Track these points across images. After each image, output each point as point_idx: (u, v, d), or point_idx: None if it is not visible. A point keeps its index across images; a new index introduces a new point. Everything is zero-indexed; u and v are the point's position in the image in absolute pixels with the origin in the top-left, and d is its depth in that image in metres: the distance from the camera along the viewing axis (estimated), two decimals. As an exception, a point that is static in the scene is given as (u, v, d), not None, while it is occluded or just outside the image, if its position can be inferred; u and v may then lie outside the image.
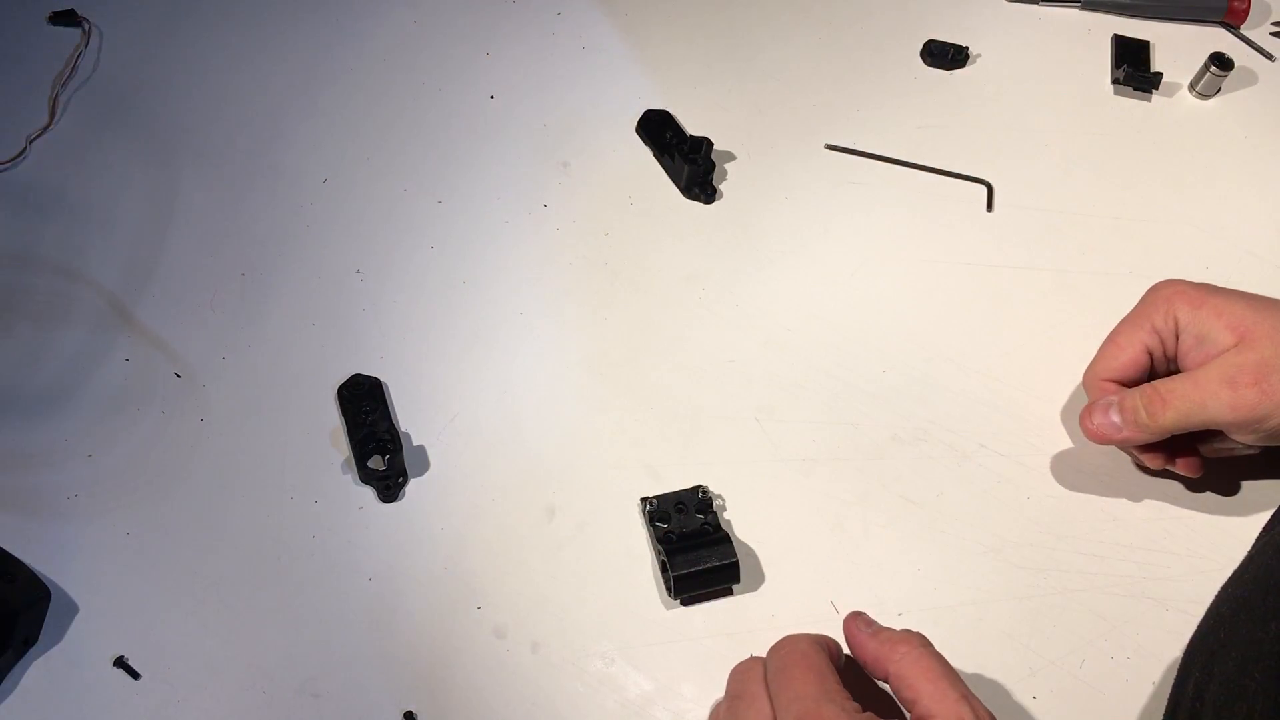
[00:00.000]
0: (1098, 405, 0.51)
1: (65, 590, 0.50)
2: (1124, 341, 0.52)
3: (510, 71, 0.72)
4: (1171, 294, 0.51)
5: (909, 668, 0.41)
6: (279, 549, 0.52)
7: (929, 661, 0.41)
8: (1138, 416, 0.50)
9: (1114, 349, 0.53)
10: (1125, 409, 0.50)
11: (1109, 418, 0.51)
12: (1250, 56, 0.74)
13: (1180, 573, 0.52)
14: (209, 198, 0.65)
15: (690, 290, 0.61)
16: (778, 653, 0.42)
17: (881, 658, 0.42)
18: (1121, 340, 0.52)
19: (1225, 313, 0.49)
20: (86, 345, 0.58)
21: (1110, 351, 0.53)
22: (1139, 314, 0.52)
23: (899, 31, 0.75)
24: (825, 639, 0.44)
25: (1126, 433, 0.50)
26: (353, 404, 0.55)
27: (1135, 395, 0.50)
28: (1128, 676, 0.49)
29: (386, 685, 0.48)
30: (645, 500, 0.52)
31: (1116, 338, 0.53)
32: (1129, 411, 0.50)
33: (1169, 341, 0.51)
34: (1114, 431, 0.51)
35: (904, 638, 0.42)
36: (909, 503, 0.54)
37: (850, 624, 0.45)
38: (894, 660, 0.41)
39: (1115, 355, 0.52)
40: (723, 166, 0.67)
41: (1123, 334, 0.53)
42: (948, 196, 0.66)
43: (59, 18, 0.73)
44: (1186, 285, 0.51)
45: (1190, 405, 0.48)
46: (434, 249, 0.63)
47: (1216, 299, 0.50)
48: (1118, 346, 0.52)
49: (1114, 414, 0.51)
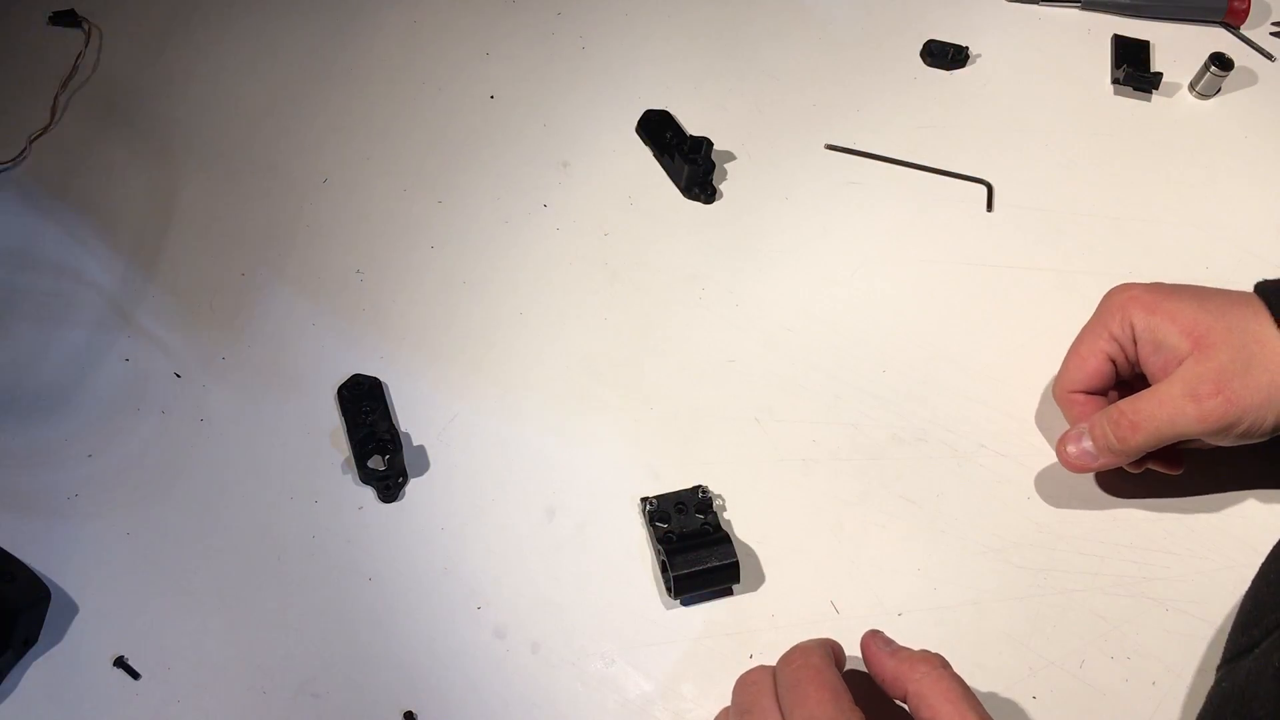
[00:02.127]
0: (1070, 436, 0.52)
1: (65, 590, 0.50)
2: (1085, 352, 0.52)
3: (510, 71, 0.72)
4: (1126, 300, 0.51)
5: (929, 688, 0.40)
6: (279, 549, 0.52)
7: (949, 683, 0.40)
8: (1109, 443, 0.50)
9: (1077, 360, 0.53)
10: (1096, 437, 0.50)
11: (1082, 446, 0.51)
12: (1250, 56, 0.74)
13: (1180, 573, 0.52)
14: (209, 198, 0.65)
15: (690, 290, 0.61)
16: (789, 666, 0.42)
17: (901, 677, 0.42)
18: (1083, 350, 0.53)
19: (1179, 317, 0.49)
20: (86, 345, 0.58)
21: (1074, 363, 0.53)
22: (1097, 322, 0.52)
23: (899, 31, 0.75)
24: (833, 646, 0.44)
25: (1103, 460, 0.51)
26: (353, 404, 0.55)
27: (1103, 422, 0.50)
28: (1128, 676, 0.49)
29: (386, 685, 0.48)
30: (645, 500, 0.52)
31: (1078, 348, 0.53)
32: (1100, 439, 0.50)
33: (1129, 348, 0.51)
34: (1090, 460, 0.51)
35: (924, 658, 0.42)
36: (909, 503, 0.54)
37: (869, 641, 0.44)
38: (913, 680, 0.41)
39: (1079, 367, 0.52)
40: (723, 166, 0.67)
41: (1084, 344, 0.53)
42: (948, 196, 0.66)
43: (59, 18, 0.73)
44: (1140, 289, 0.51)
45: (1159, 424, 0.48)
46: (434, 249, 0.63)
47: (1170, 303, 0.50)
48: (1080, 358, 0.53)
49: (1086, 442, 0.51)
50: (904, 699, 0.42)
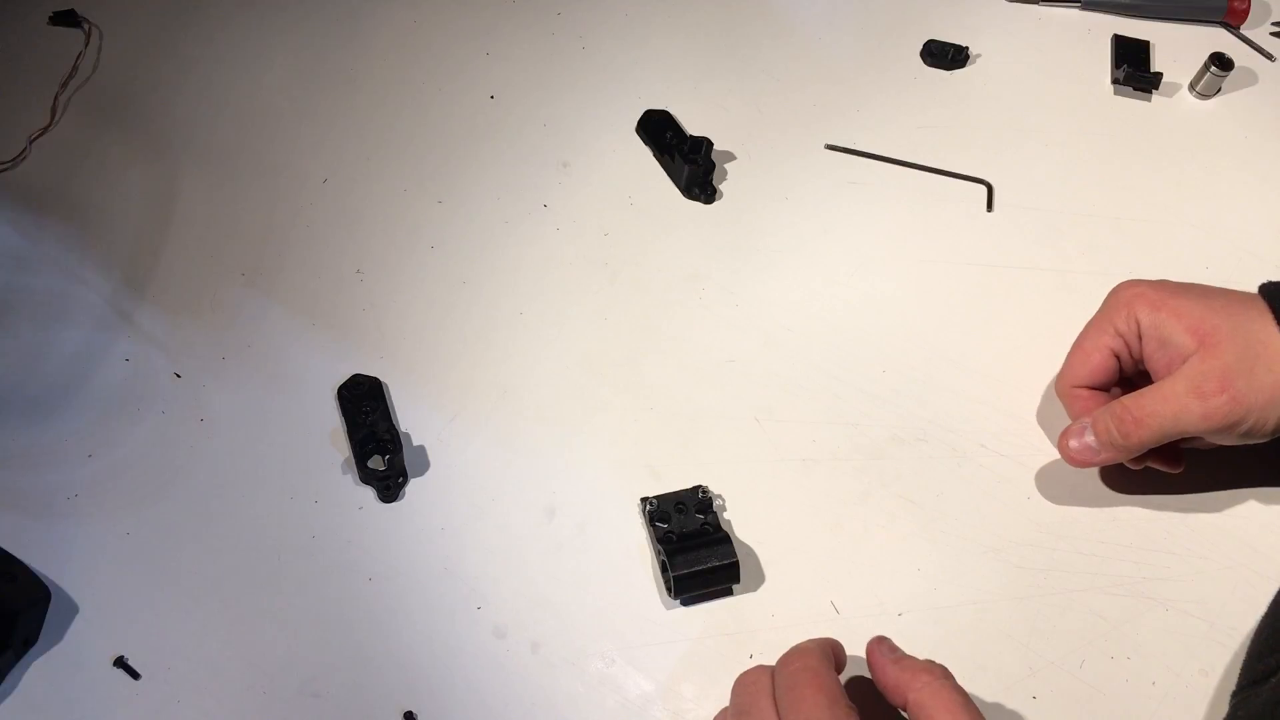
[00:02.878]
0: (1072, 430, 0.52)
1: (65, 590, 0.50)
2: (1089, 347, 0.52)
3: (510, 71, 0.72)
4: (1132, 296, 0.51)
5: (929, 698, 0.40)
6: (279, 549, 0.52)
7: (950, 694, 0.40)
8: (1112, 438, 0.50)
9: (1081, 355, 0.53)
10: (1099, 431, 0.50)
11: (1084, 440, 0.51)
12: (1250, 56, 0.74)
13: (1180, 573, 0.52)
14: (209, 198, 0.65)
15: (690, 290, 0.61)
16: (787, 668, 0.42)
17: (902, 685, 0.42)
18: (1087, 345, 0.52)
19: (1185, 315, 0.49)
20: (86, 345, 0.58)
21: (1078, 358, 0.53)
22: (1102, 318, 0.52)
23: (899, 31, 0.75)
24: (832, 647, 0.44)
25: (1104, 455, 0.51)
26: (353, 404, 0.55)
27: (1106, 417, 0.50)
28: (1128, 676, 0.49)
29: (386, 685, 0.48)
30: (645, 500, 0.52)
31: (1082, 343, 0.53)
32: (1103, 434, 0.50)
33: (1133, 344, 0.51)
34: (1091, 455, 0.51)
35: (926, 667, 0.42)
36: (909, 503, 0.54)
37: (874, 648, 0.44)
38: (915, 689, 0.41)
39: (1083, 362, 0.52)
40: (723, 166, 0.67)
41: (1088, 339, 0.53)
42: (948, 196, 0.66)
43: (59, 18, 0.73)
44: (1146, 286, 0.51)
45: (1163, 421, 0.48)
46: (434, 249, 0.63)
47: (1175, 300, 0.50)
48: (1084, 353, 0.52)
49: (1089, 437, 0.51)
50: (905, 707, 0.42)
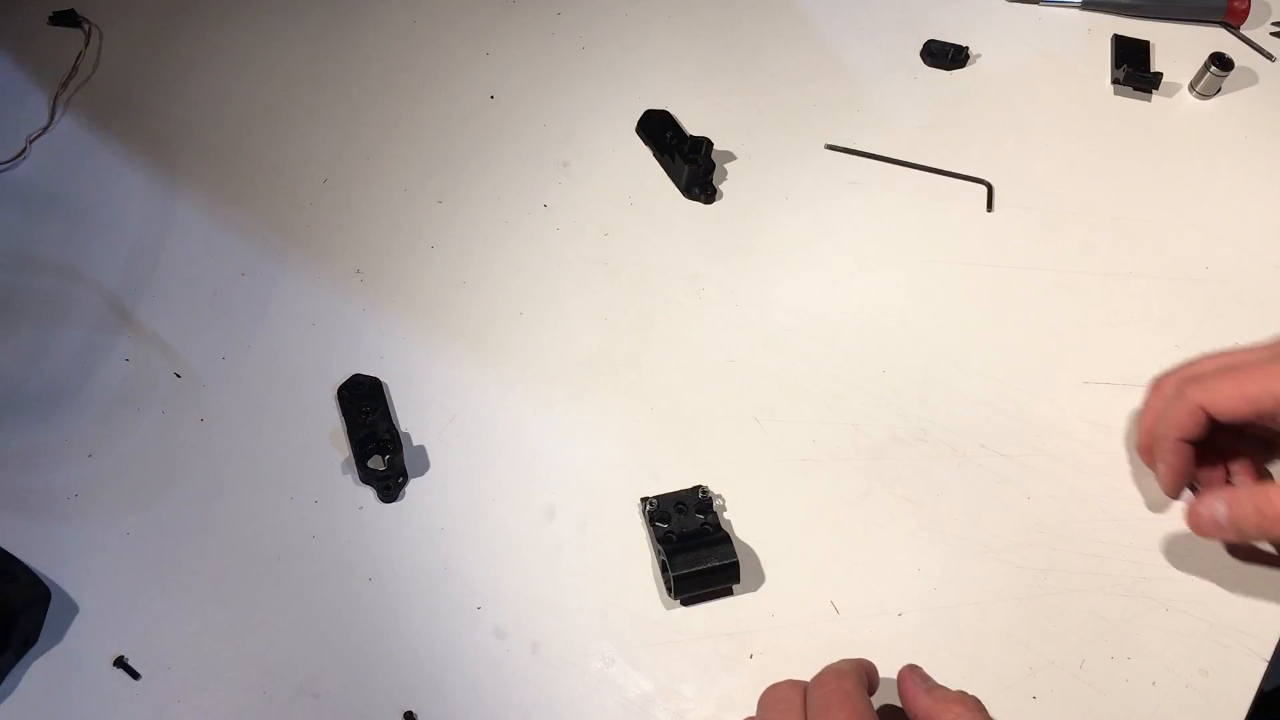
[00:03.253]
0: (1206, 501, 0.49)
1: (65, 590, 0.50)
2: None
3: (510, 71, 0.72)
4: None
5: None
6: (279, 549, 0.52)
7: None
8: (1245, 527, 0.48)
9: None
10: (1236, 515, 0.48)
11: (1217, 517, 0.49)
12: (1250, 56, 0.74)
13: (1180, 573, 0.51)
14: (209, 197, 0.65)
15: (690, 290, 0.61)
16: (822, 688, 0.42)
17: (934, 715, 0.42)
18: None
19: None
20: (86, 345, 0.58)
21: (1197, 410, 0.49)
22: None
23: (899, 31, 0.75)
24: (867, 668, 0.44)
25: (1231, 534, 0.49)
26: (353, 404, 0.55)
27: (1247, 503, 0.48)
28: (1128, 676, 0.49)
29: (386, 685, 0.48)
30: (645, 500, 0.52)
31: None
32: (1240, 518, 0.48)
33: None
34: (1217, 531, 0.49)
35: (959, 698, 0.42)
36: (909, 503, 0.54)
37: (905, 676, 0.44)
38: (947, 719, 0.41)
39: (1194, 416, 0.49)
40: (723, 166, 0.67)
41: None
42: (948, 196, 0.66)
43: (59, 18, 0.73)
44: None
45: None
46: (434, 249, 0.63)
47: None
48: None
49: (1221, 512, 0.49)
50: None
